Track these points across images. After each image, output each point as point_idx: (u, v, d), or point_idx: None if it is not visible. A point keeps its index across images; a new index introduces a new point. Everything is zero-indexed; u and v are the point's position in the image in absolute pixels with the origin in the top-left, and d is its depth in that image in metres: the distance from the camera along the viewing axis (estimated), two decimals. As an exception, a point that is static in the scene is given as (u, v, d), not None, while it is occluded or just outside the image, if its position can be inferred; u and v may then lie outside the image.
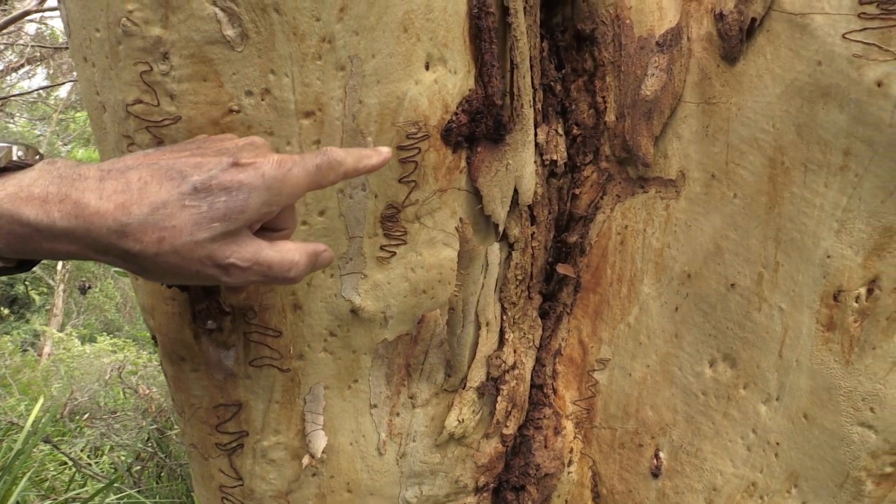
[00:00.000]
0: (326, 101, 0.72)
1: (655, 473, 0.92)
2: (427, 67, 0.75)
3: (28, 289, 9.18)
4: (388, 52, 0.72)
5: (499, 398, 0.94)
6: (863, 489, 0.74)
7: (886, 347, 0.71)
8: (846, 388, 0.73)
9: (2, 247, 0.58)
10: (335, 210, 0.77)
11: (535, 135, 0.90)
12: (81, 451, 4.32)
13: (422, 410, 0.90)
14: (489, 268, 0.88)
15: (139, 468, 4.08)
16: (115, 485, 3.54)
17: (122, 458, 4.27)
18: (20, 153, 0.60)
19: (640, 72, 0.88)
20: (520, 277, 0.94)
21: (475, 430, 0.94)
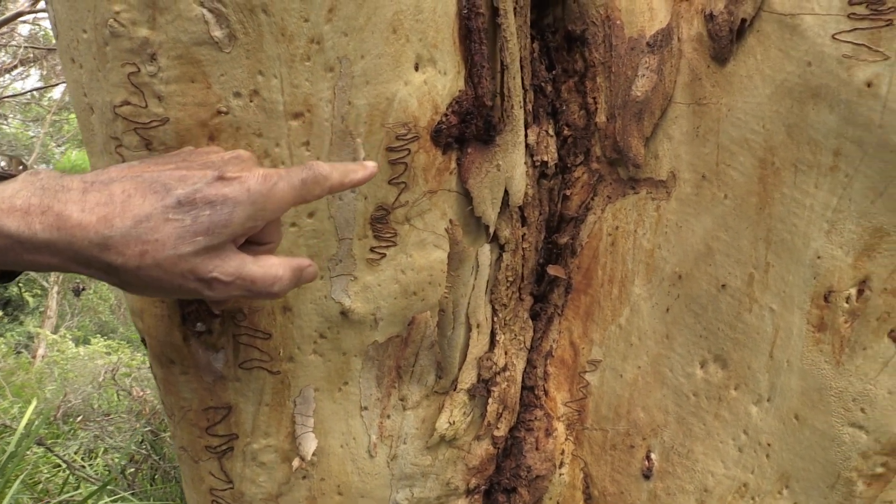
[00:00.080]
0: (315, 103, 0.71)
1: (647, 475, 0.92)
2: (416, 68, 0.75)
3: (22, 291, 9.15)
4: (378, 53, 0.72)
5: (490, 400, 0.94)
6: (854, 489, 0.74)
7: (877, 348, 0.71)
8: (837, 389, 0.73)
9: None
10: (325, 212, 0.76)
11: (526, 136, 0.90)
12: (75, 454, 4.31)
13: (412, 412, 0.90)
14: (480, 269, 0.88)
15: (133, 470, 4.06)
16: (109, 487, 3.53)
17: (116, 461, 4.26)
18: (2, 164, 0.60)
19: (631, 72, 0.88)
20: (510, 279, 0.93)
21: (466, 433, 0.94)
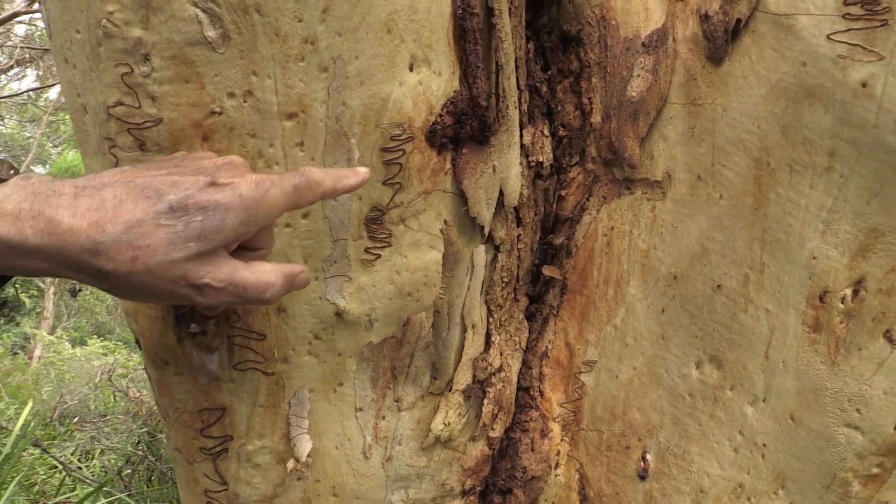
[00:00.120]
0: (309, 103, 0.71)
1: (643, 476, 0.91)
2: (411, 69, 0.75)
3: (18, 292, 9.13)
4: (372, 54, 0.71)
5: (485, 401, 0.93)
6: (850, 490, 0.74)
7: (872, 348, 0.71)
8: (832, 390, 0.73)
9: None
10: (319, 213, 0.76)
11: (521, 136, 0.90)
12: (71, 455, 4.30)
13: (407, 413, 0.89)
14: (475, 270, 0.88)
15: (129, 472, 4.06)
16: (106, 488, 3.52)
17: (113, 462, 4.25)
18: None
19: (626, 73, 0.88)
20: (506, 279, 0.93)
21: (461, 433, 0.94)
